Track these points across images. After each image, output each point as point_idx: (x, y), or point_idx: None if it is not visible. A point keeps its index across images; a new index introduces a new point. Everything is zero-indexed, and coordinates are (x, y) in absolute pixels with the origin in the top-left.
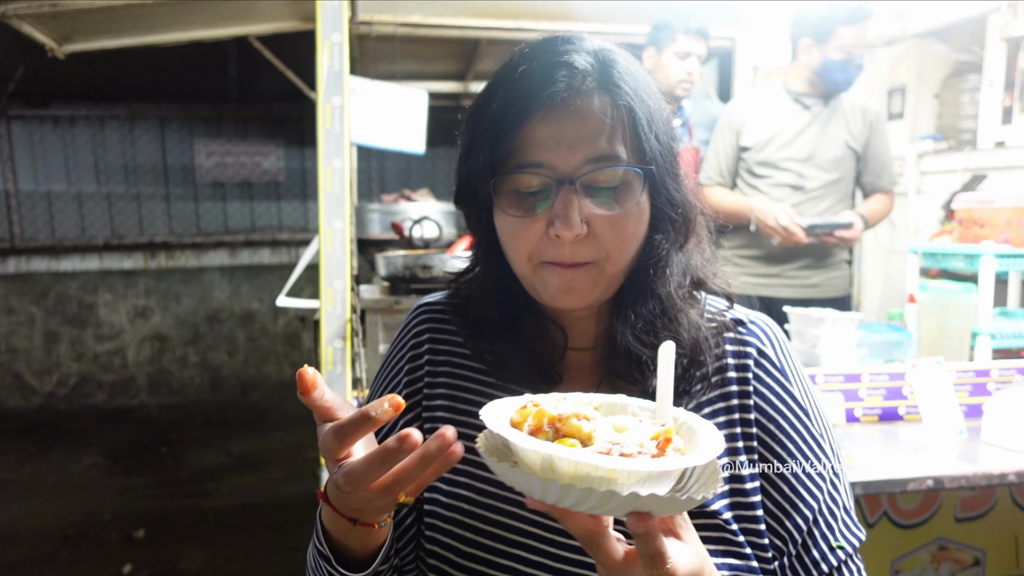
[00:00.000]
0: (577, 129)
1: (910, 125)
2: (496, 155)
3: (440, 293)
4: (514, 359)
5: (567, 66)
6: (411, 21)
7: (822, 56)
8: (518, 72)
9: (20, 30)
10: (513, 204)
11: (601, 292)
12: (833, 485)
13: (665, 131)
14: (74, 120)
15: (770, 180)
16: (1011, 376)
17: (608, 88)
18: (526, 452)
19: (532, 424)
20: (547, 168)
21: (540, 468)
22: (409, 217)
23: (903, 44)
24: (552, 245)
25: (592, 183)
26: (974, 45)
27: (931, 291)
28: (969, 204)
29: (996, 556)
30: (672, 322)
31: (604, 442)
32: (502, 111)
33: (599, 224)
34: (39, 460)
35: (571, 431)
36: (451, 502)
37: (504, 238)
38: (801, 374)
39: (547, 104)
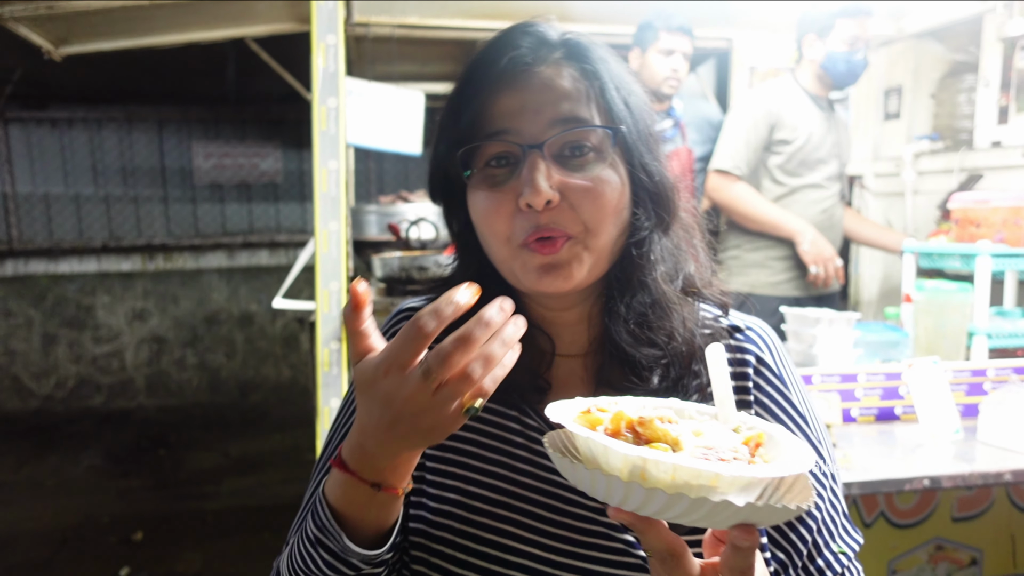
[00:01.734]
0: (542, 94)
1: (907, 125)
2: (462, 127)
3: (422, 297)
4: None
5: (533, 35)
6: (408, 22)
7: (825, 49)
8: (482, 50)
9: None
10: (483, 180)
11: (587, 272)
12: (833, 492)
13: (638, 105)
14: (72, 122)
15: (802, 180)
16: (1007, 376)
17: (575, 58)
18: (614, 455)
19: (610, 428)
20: (512, 134)
21: (629, 474)
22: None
23: (900, 44)
24: (526, 218)
25: (561, 150)
26: (970, 45)
27: (927, 291)
28: (965, 204)
29: (993, 555)
30: (665, 314)
31: (696, 447)
32: (466, 85)
33: (573, 193)
34: (37, 462)
35: (657, 435)
36: (439, 520)
37: (479, 222)
38: (798, 380)
39: (511, 72)
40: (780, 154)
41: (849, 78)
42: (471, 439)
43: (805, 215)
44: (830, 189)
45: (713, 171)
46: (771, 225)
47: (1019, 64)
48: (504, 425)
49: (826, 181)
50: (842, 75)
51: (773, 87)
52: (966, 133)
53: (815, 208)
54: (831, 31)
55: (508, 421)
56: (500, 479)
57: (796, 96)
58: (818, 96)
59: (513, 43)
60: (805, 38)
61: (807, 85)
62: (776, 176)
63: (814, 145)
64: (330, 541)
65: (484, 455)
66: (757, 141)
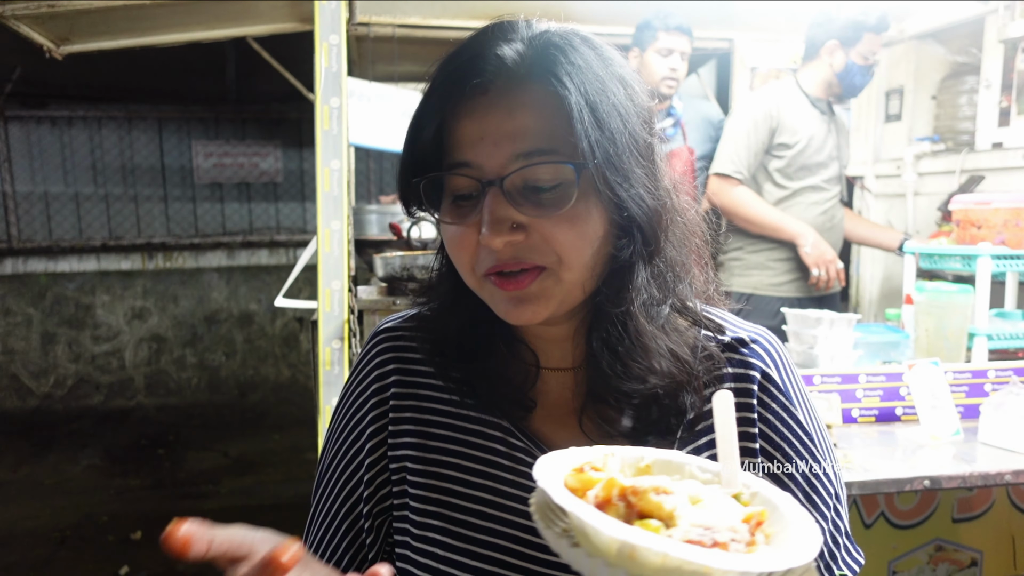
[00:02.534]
0: (503, 123)
1: (908, 127)
2: (417, 155)
3: (397, 316)
4: (482, 383)
5: (493, 56)
6: (409, 22)
7: (846, 59)
8: (444, 65)
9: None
10: (448, 210)
11: (558, 304)
12: (836, 511)
13: (618, 120)
14: (72, 121)
15: (803, 182)
16: (1008, 377)
17: (539, 76)
18: (600, 535)
19: (601, 495)
20: (474, 168)
21: (617, 554)
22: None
23: (901, 46)
24: (489, 253)
25: (525, 183)
26: (972, 47)
27: (928, 292)
28: (966, 205)
29: (993, 557)
30: (638, 350)
31: (691, 526)
32: (424, 107)
33: (541, 226)
34: (36, 462)
35: (650, 509)
36: (422, 544)
37: (448, 250)
38: (804, 394)
39: (469, 96)
40: (781, 158)
41: (857, 90)
42: (455, 462)
43: (805, 217)
44: (830, 191)
45: (714, 175)
46: (772, 228)
47: (1020, 66)
48: (489, 447)
49: (826, 183)
50: (854, 87)
51: (774, 90)
52: (967, 135)
53: (815, 210)
54: (857, 43)
55: (493, 443)
56: (484, 503)
57: (797, 99)
58: (819, 99)
59: (473, 62)
60: (828, 44)
61: (810, 88)
62: (776, 179)
63: (815, 148)
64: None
65: (469, 477)
66: (758, 145)
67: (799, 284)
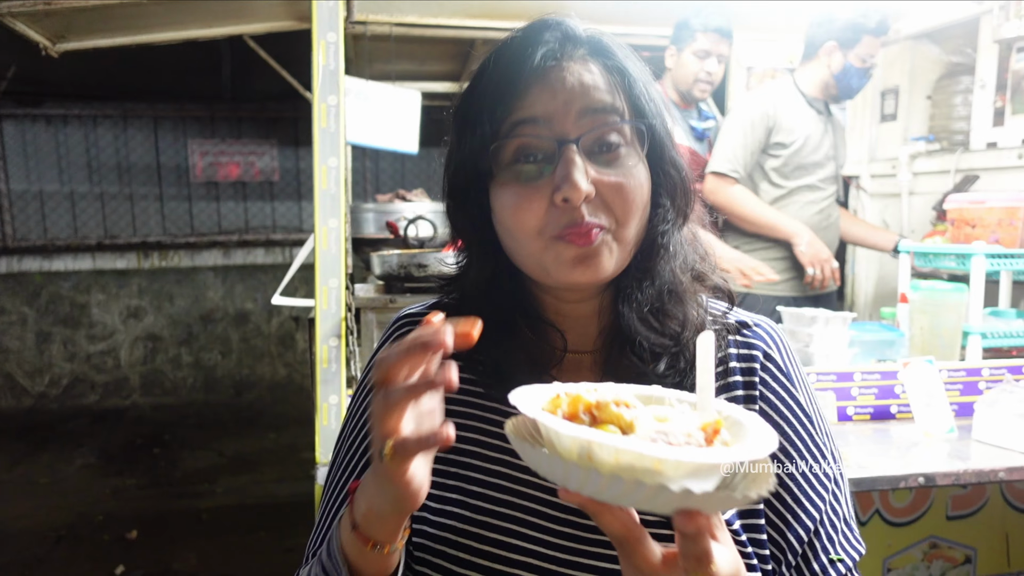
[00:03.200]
0: (572, 89)
1: (903, 126)
2: (495, 121)
3: (419, 304)
4: (508, 364)
5: (559, 30)
6: (407, 21)
7: (844, 61)
8: (507, 45)
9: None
10: (514, 176)
11: (615, 263)
12: (835, 495)
13: (660, 100)
14: (67, 119)
15: (799, 182)
16: (1001, 375)
17: (600, 54)
18: (562, 438)
19: (567, 411)
20: (544, 126)
21: (578, 456)
22: (404, 216)
23: (896, 46)
24: (562, 213)
25: (592, 145)
26: (967, 47)
27: (923, 291)
28: (960, 205)
29: (987, 554)
30: (680, 301)
31: (648, 431)
32: (494, 79)
33: (604, 189)
34: (31, 461)
35: (610, 418)
36: (440, 520)
37: (507, 217)
38: (805, 380)
39: (541, 67)
40: (777, 157)
41: (854, 93)
42: (473, 438)
43: (801, 216)
44: (826, 191)
45: (710, 173)
46: (768, 227)
47: (1015, 66)
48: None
49: (822, 183)
50: (851, 89)
51: (771, 90)
52: (962, 134)
53: (811, 209)
54: (856, 45)
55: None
56: (502, 478)
57: (794, 99)
58: (816, 99)
59: (540, 38)
60: (826, 45)
61: (807, 88)
62: (772, 178)
63: (811, 148)
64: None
65: (486, 454)
66: (754, 144)
67: (795, 283)
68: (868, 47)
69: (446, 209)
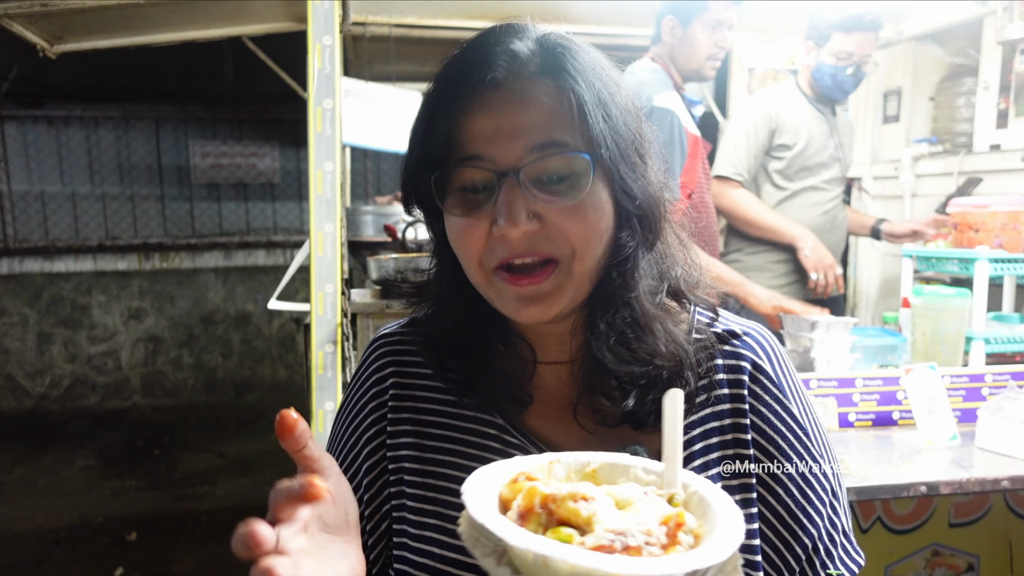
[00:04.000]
0: (517, 117)
1: (906, 128)
2: (430, 148)
3: (395, 323)
4: (479, 379)
5: (505, 52)
6: (405, 22)
7: (818, 59)
8: (454, 59)
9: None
10: (456, 203)
11: (569, 299)
12: (833, 509)
13: (620, 117)
14: (68, 120)
15: (803, 183)
16: (1005, 381)
17: (551, 72)
18: (515, 548)
19: (523, 505)
20: (487, 160)
21: (532, 565)
22: (402, 219)
23: (899, 47)
24: (500, 244)
25: (540, 174)
26: (970, 48)
27: (925, 295)
28: (964, 208)
29: (990, 561)
30: (645, 332)
31: (605, 531)
32: (435, 102)
33: (555, 217)
34: (31, 462)
35: (567, 516)
36: (419, 541)
37: (453, 243)
38: (799, 389)
39: (482, 91)
40: (781, 159)
41: (836, 92)
42: (451, 460)
43: (806, 217)
44: (831, 192)
45: (714, 177)
46: (772, 231)
47: (1019, 68)
48: (484, 444)
49: (827, 184)
50: (828, 88)
51: (774, 92)
52: (965, 136)
53: (816, 211)
54: (826, 42)
55: (488, 440)
56: None
57: (797, 101)
58: (816, 100)
59: (486, 58)
60: (806, 43)
61: (808, 89)
62: (776, 180)
63: (815, 149)
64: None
65: (463, 464)
66: (758, 147)
67: (798, 287)
68: (839, 44)
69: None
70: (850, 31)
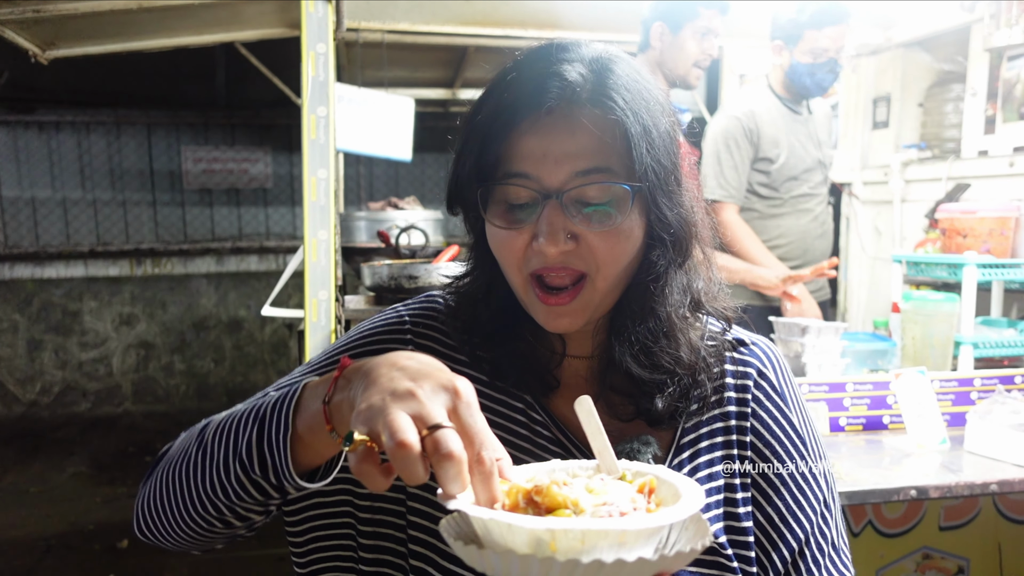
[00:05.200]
0: (565, 142)
1: (895, 134)
2: (482, 163)
3: (418, 302)
4: (511, 364)
5: (558, 76)
6: (399, 28)
7: (791, 59)
8: (508, 80)
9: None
10: (500, 215)
11: (593, 311)
12: (823, 517)
13: (662, 146)
14: (59, 126)
15: (792, 193)
16: (994, 385)
17: (600, 101)
18: (519, 531)
19: (507, 503)
20: (533, 180)
21: (537, 548)
22: (396, 225)
23: (888, 53)
24: (537, 256)
25: (581, 197)
26: (958, 55)
27: (914, 300)
28: (952, 214)
29: (980, 564)
30: (672, 342)
31: (595, 506)
32: (490, 119)
33: (589, 238)
34: (21, 469)
35: (557, 502)
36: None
37: (493, 248)
38: (800, 401)
39: (535, 115)
40: (766, 172)
41: (815, 90)
42: None
43: (799, 224)
44: (819, 195)
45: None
46: (738, 273)
47: (1006, 74)
48: (511, 417)
49: (814, 188)
50: (806, 88)
51: (747, 100)
52: (953, 142)
53: (807, 217)
54: (798, 41)
55: (515, 413)
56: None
57: (771, 105)
58: (790, 100)
59: (541, 84)
60: (774, 43)
61: (781, 90)
62: (763, 193)
63: (798, 157)
64: (272, 428)
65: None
66: (743, 162)
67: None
68: (812, 41)
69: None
70: (822, 27)
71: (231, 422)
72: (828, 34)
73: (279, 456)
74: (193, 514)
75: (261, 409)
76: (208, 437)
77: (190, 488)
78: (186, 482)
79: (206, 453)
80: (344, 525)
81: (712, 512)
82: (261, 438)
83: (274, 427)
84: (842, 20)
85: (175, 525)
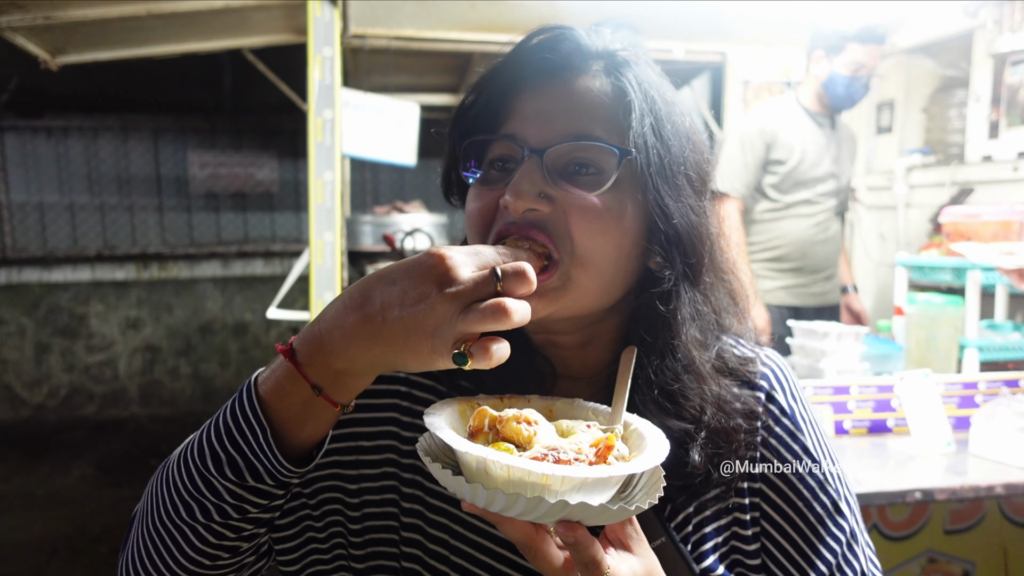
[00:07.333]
0: (560, 102)
1: (899, 139)
2: (472, 119)
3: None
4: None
5: (571, 41)
6: (405, 34)
7: (830, 69)
8: (522, 43)
9: (14, 42)
10: (481, 180)
11: (563, 307)
12: (849, 547)
13: (675, 138)
14: (67, 131)
15: (795, 197)
16: (998, 388)
17: (611, 72)
18: (461, 455)
19: (474, 425)
20: (519, 139)
21: (475, 471)
22: (401, 229)
23: (892, 59)
24: (501, 217)
25: (566, 161)
26: (961, 61)
27: (919, 304)
28: (956, 218)
29: (985, 568)
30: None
31: (541, 447)
32: (492, 78)
33: (565, 205)
34: (29, 472)
35: (510, 434)
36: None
37: (466, 214)
38: (813, 419)
39: (536, 75)
40: (775, 174)
41: (847, 102)
42: None
43: (797, 228)
44: (824, 204)
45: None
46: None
47: (1009, 79)
48: None
49: (820, 197)
50: (840, 99)
51: (770, 106)
52: (957, 147)
53: (806, 223)
54: (840, 53)
55: None
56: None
57: (794, 114)
58: (817, 113)
59: (549, 46)
60: (814, 53)
61: (807, 102)
62: (770, 194)
63: (810, 164)
64: (247, 434)
65: None
66: (754, 161)
67: (795, 291)
68: (855, 54)
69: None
70: (866, 42)
71: (195, 446)
72: (869, 51)
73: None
74: (190, 552)
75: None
76: (175, 473)
77: (180, 526)
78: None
79: (185, 485)
80: (335, 535)
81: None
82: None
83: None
84: (882, 41)
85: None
